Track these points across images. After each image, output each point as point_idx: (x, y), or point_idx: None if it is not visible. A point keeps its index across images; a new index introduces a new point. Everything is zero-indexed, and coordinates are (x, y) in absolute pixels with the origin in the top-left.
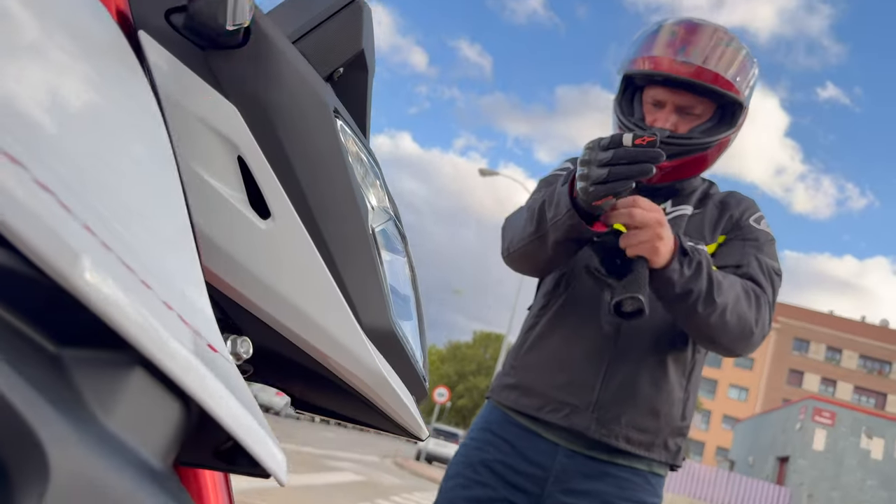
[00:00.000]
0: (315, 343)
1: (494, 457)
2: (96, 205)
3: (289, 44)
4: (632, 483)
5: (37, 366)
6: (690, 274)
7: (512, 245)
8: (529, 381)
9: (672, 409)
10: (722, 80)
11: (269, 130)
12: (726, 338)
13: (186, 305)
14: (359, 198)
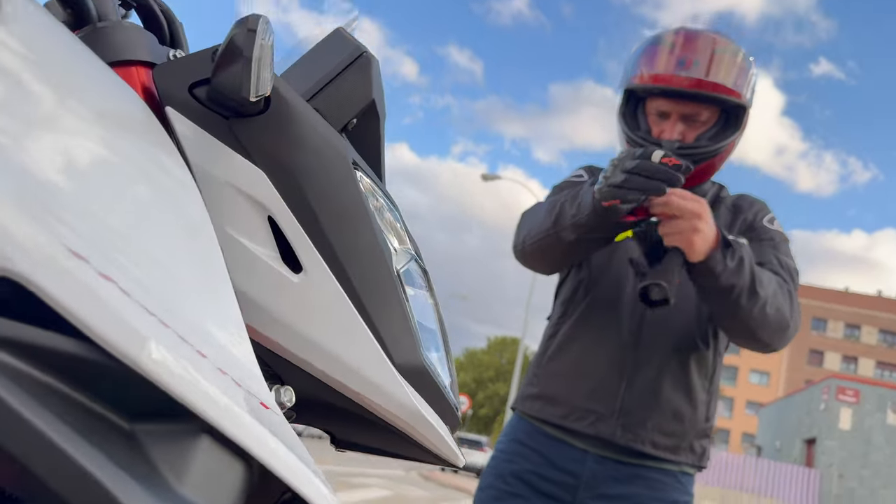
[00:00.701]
0: (352, 385)
1: (524, 467)
2: (149, 282)
3: (306, 105)
4: (662, 483)
5: (115, 442)
6: (734, 267)
7: (528, 238)
8: (553, 391)
9: (696, 412)
10: (724, 88)
11: (295, 190)
12: (766, 331)
13: (237, 368)
14: (382, 243)
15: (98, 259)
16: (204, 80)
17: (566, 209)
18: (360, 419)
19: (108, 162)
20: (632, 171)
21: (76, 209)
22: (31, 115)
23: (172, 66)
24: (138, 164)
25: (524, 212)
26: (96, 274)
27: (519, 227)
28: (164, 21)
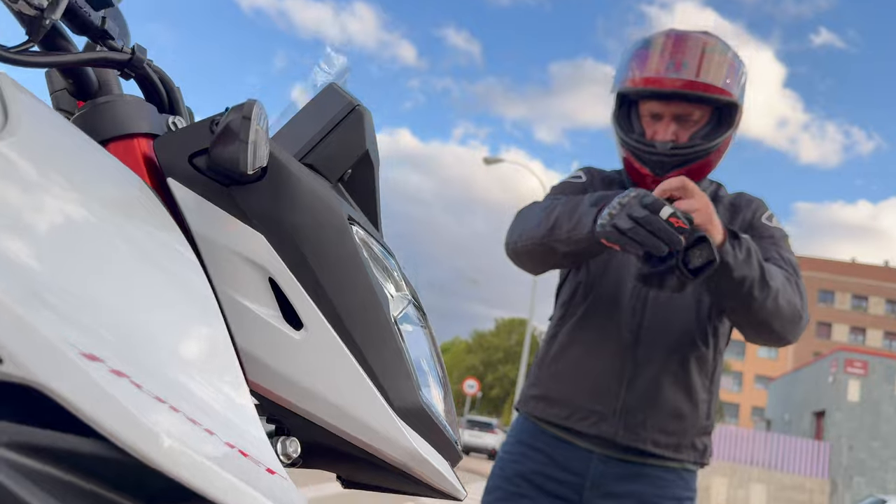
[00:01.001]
0: (354, 433)
1: (530, 468)
2: (158, 367)
3: (301, 167)
4: (666, 481)
5: None
6: (743, 258)
7: (520, 241)
8: (555, 392)
9: (697, 410)
10: (714, 88)
11: (293, 250)
12: (779, 322)
13: (243, 438)
14: (379, 292)
15: (110, 355)
16: (203, 150)
17: (562, 222)
18: (364, 461)
19: (116, 254)
20: (639, 222)
21: (87, 307)
22: (40, 215)
23: (172, 137)
24: (143, 249)
25: (519, 210)
26: (108, 371)
27: (513, 226)
28: (163, 88)
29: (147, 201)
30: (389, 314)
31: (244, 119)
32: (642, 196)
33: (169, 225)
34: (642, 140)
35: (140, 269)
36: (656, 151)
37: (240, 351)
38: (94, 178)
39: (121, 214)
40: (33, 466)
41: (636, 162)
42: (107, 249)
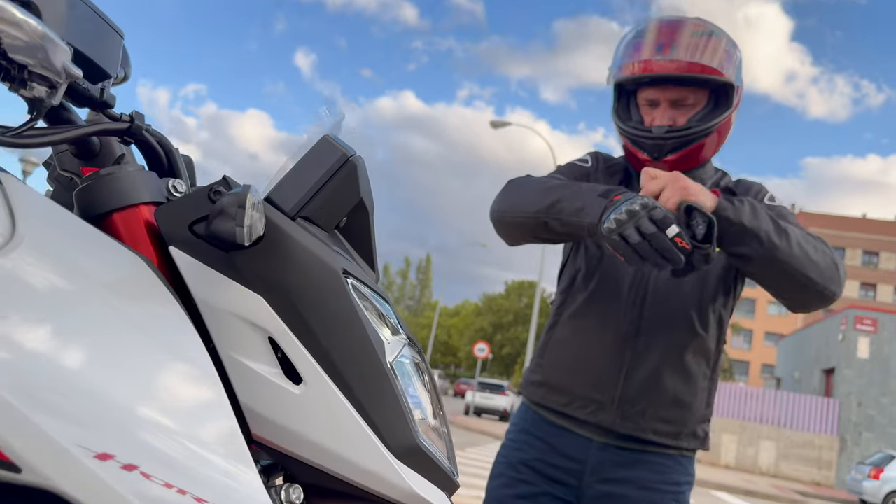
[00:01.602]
0: (355, 477)
1: (532, 455)
2: (165, 451)
3: (297, 228)
4: (664, 466)
5: None
6: (749, 210)
7: (510, 211)
8: (555, 379)
9: (696, 399)
10: (708, 69)
11: (291, 308)
12: (816, 270)
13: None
14: (374, 340)
15: (120, 450)
16: (202, 217)
17: (565, 204)
18: (365, 500)
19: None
20: (646, 237)
21: (96, 403)
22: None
23: (173, 207)
24: (144, 332)
25: (511, 180)
26: (120, 469)
27: (504, 195)
28: (161, 150)
29: (145, 279)
30: (385, 360)
31: (239, 208)
32: (651, 208)
33: (167, 300)
34: (639, 126)
35: (142, 356)
36: (652, 136)
37: (243, 408)
38: (96, 269)
39: (121, 299)
40: None
41: (634, 148)
42: (110, 340)
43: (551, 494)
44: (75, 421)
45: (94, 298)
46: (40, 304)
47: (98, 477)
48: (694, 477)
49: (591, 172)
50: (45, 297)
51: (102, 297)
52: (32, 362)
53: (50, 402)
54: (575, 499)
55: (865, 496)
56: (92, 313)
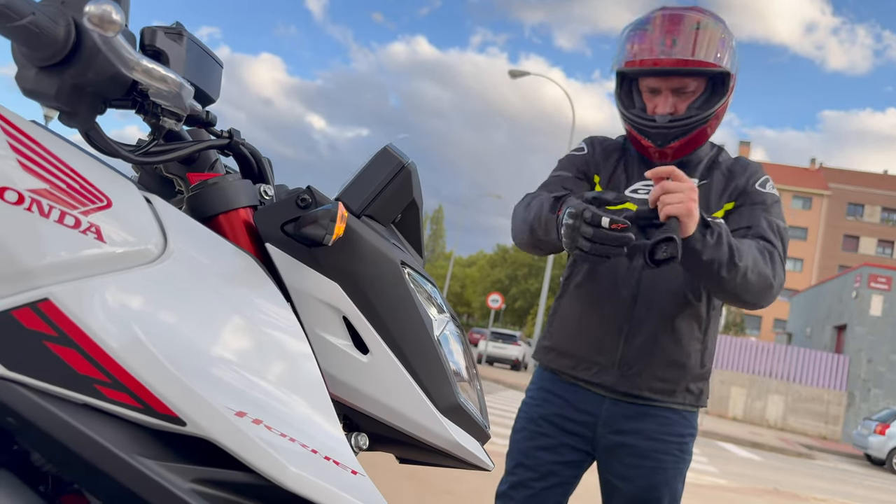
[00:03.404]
0: (408, 428)
1: (550, 410)
2: (280, 409)
3: (366, 227)
4: (670, 420)
5: None
6: (713, 243)
7: (516, 237)
8: (562, 344)
9: (690, 360)
10: (706, 63)
11: (360, 293)
12: (749, 294)
13: (335, 450)
14: (425, 318)
15: (251, 409)
16: (292, 219)
17: (536, 226)
18: (416, 446)
19: (242, 328)
20: (592, 240)
21: (231, 372)
22: (193, 309)
23: (268, 210)
24: (255, 318)
25: (515, 207)
26: (251, 423)
27: (512, 222)
28: (254, 160)
29: (251, 270)
30: (433, 335)
31: (331, 222)
32: (582, 212)
33: (268, 286)
34: (643, 115)
35: (255, 331)
36: (656, 125)
37: (322, 371)
38: (217, 265)
39: (237, 288)
40: (208, 493)
41: (638, 135)
42: (233, 324)
43: (569, 445)
44: (217, 386)
45: (217, 288)
46: (183, 297)
47: (240, 430)
48: (696, 429)
49: (588, 159)
50: (186, 292)
51: (223, 286)
52: (181, 341)
53: (197, 371)
54: (590, 448)
55: (871, 451)
56: (217, 300)
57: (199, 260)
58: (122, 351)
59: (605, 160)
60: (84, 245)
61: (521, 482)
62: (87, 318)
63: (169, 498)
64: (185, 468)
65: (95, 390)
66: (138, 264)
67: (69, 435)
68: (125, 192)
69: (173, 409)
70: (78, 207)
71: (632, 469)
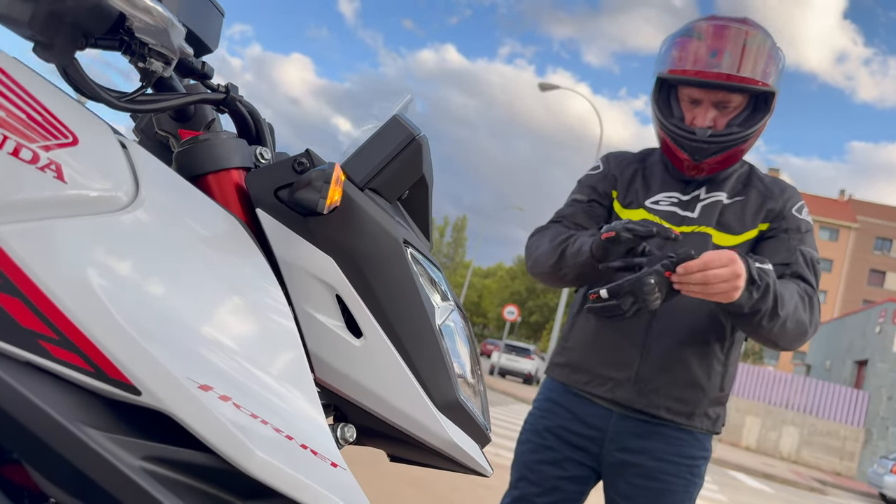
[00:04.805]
0: (401, 423)
1: (557, 423)
2: (252, 388)
3: (367, 199)
4: (680, 440)
5: None
6: (758, 297)
7: (535, 267)
8: (576, 360)
9: (710, 381)
10: (755, 81)
11: (357, 271)
12: (784, 341)
13: (313, 439)
14: (426, 305)
15: (218, 383)
16: (286, 184)
17: (567, 254)
18: (408, 443)
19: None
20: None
21: (200, 343)
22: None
23: (261, 173)
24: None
25: (531, 238)
26: (217, 399)
27: (528, 252)
28: (251, 120)
29: (237, 236)
30: (434, 323)
31: (325, 183)
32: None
33: (254, 254)
34: (682, 126)
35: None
36: (695, 138)
37: (310, 352)
38: (199, 225)
39: (217, 252)
40: (160, 472)
41: (675, 146)
42: (210, 289)
43: (574, 460)
44: (181, 354)
45: (194, 249)
46: (153, 254)
47: (203, 405)
48: (710, 452)
49: (605, 175)
50: (157, 249)
51: (202, 249)
52: (145, 302)
53: (160, 336)
54: (596, 465)
55: (886, 490)
56: (193, 263)
57: (175, 215)
58: (73, 305)
59: (622, 173)
60: (40, 183)
61: (524, 496)
62: (36, 264)
63: (114, 475)
64: (135, 443)
65: (40, 347)
66: (102, 211)
67: (6, 395)
68: (95, 132)
69: (127, 375)
70: (37, 141)
71: (638, 490)
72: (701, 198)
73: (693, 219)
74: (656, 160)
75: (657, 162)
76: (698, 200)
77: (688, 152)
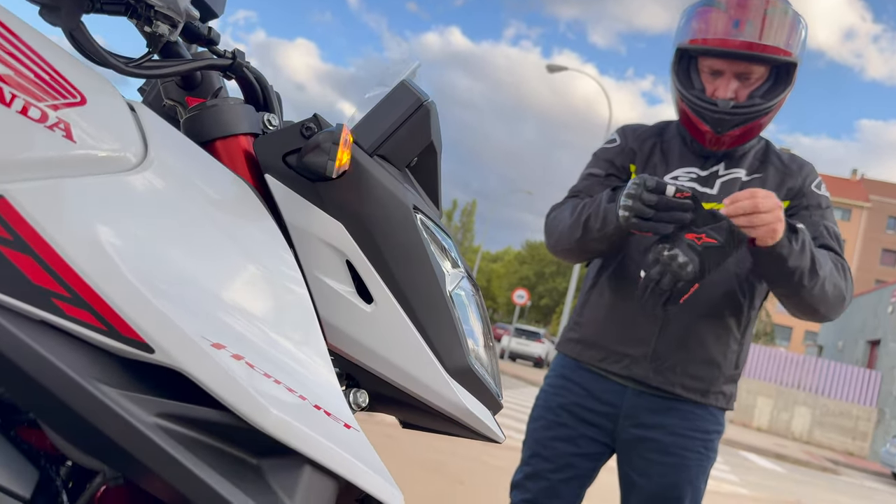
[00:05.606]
0: (413, 388)
1: (570, 400)
2: (266, 348)
3: (376, 165)
4: (694, 415)
5: (245, 474)
6: (798, 250)
7: (559, 244)
8: (591, 336)
9: (726, 359)
10: (780, 50)
11: (367, 236)
12: (825, 306)
13: (327, 400)
14: (437, 271)
15: (231, 342)
16: (294, 150)
17: (591, 223)
18: (420, 409)
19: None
20: (656, 207)
21: (212, 302)
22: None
23: (269, 139)
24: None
25: (552, 213)
26: (230, 357)
27: (549, 228)
28: (258, 86)
29: (248, 200)
30: (445, 289)
31: (333, 144)
32: (644, 183)
33: (265, 219)
34: (703, 97)
35: (245, 265)
36: (717, 110)
37: (321, 318)
38: (209, 188)
39: (228, 215)
40: (174, 429)
41: (696, 118)
42: (221, 250)
43: (588, 436)
44: (194, 313)
45: (205, 212)
46: (163, 213)
47: (216, 363)
48: (724, 427)
49: (622, 149)
50: (167, 209)
51: (212, 211)
52: (156, 261)
53: (172, 295)
54: (611, 440)
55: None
56: (204, 225)
57: (184, 177)
58: (85, 263)
59: (640, 146)
60: (50, 142)
61: (537, 473)
62: (48, 223)
63: (129, 431)
64: (150, 400)
65: (53, 305)
66: (111, 171)
67: (21, 353)
68: (103, 92)
69: (140, 333)
70: (46, 100)
71: (653, 465)
72: (720, 174)
73: (713, 196)
74: (674, 134)
75: (675, 136)
76: (717, 177)
77: (710, 124)
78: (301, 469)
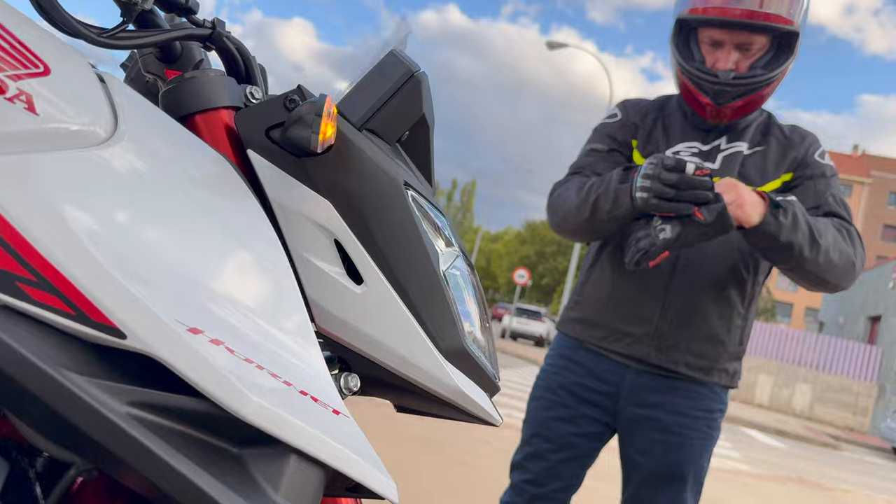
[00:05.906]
0: (406, 371)
1: (570, 379)
2: (247, 332)
3: (364, 139)
4: (698, 393)
5: (225, 465)
6: (789, 223)
7: (564, 223)
8: (592, 315)
9: (730, 336)
10: (782, 19)
11: (356, 214)
12: (832, 275)
13: (314, 385)
14: (430, 249)
15: (209, 326)
16: (278, 123)
17: (601, 204)
18: (414, 393)
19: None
20: (677, 187)
21: (188, 285)
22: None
23: (251, 112)
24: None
25: (555, 192)
26: (208, 342)
27: (554, 207)
28: (240, 57)
29: (228, 176)
30: (438, 268)
31: (316, 116)
32: (661, 162)
33: (247, 197)
34: (704, 69)
35: (223, 243)
36: (718, 81)
37: (309, 301)
38: (186, 165)
39: (207, 193)
40: (148, 418)
41: (696, 90)
42: (195, 227)
43: (588, 416)
44: (169, 296)
45: (182, 189)
46: (135, 191)
47: (192, 348)
48: (727, 405)
49: (623, 123)
50: (140, 186)
51: (189, 189)
52: (128, 241)
53: (145, 277)
54: (611, 420)
55: None
56: (181, 203)
57: (158, 152)
58: (51, 245)
59: (642, 121)
60: (9, 115)
61: (538, 453)
62: (10, 202)
63: (100, 421)
64: (121, 388)
65: (18, 289)
66: (78, 146)
67: None
68: (69, 62)
69: (111, 317)
70: (5, 70)
71: (655, 444)
72: (721, 148)
73: (715, 170)
74: (675, 108)
75: (676, 110)
76: (719, 151)
77: (710, 96)
78: (286, 458)
